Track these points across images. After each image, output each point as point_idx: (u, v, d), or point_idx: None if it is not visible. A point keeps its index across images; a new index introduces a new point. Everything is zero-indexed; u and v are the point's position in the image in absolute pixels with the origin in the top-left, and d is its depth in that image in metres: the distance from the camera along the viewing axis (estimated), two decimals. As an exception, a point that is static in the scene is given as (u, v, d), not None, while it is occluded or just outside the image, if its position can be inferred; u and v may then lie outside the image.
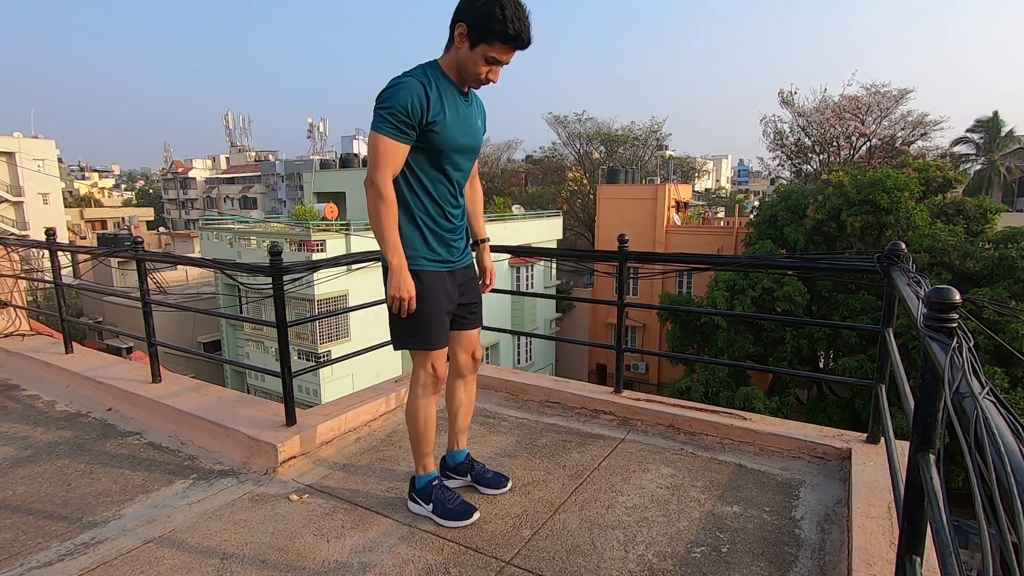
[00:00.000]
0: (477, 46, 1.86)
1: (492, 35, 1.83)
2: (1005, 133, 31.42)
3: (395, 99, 1.86)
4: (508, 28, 1.81)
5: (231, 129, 64.30)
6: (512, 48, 1.89)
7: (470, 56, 1.88)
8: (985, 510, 0.75)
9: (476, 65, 1.89)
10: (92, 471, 2.68)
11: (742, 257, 13.99)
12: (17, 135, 36.66)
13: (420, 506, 2.27)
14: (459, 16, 1.87)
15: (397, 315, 2.05)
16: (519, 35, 1.84)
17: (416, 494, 2.28)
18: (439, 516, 2.20)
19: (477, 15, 1.82)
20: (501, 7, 1.79)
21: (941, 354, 1.10)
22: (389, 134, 1.89)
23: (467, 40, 1.87)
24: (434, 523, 2.19)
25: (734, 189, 70.61)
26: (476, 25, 1.83)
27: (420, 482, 2.27)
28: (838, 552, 2.02)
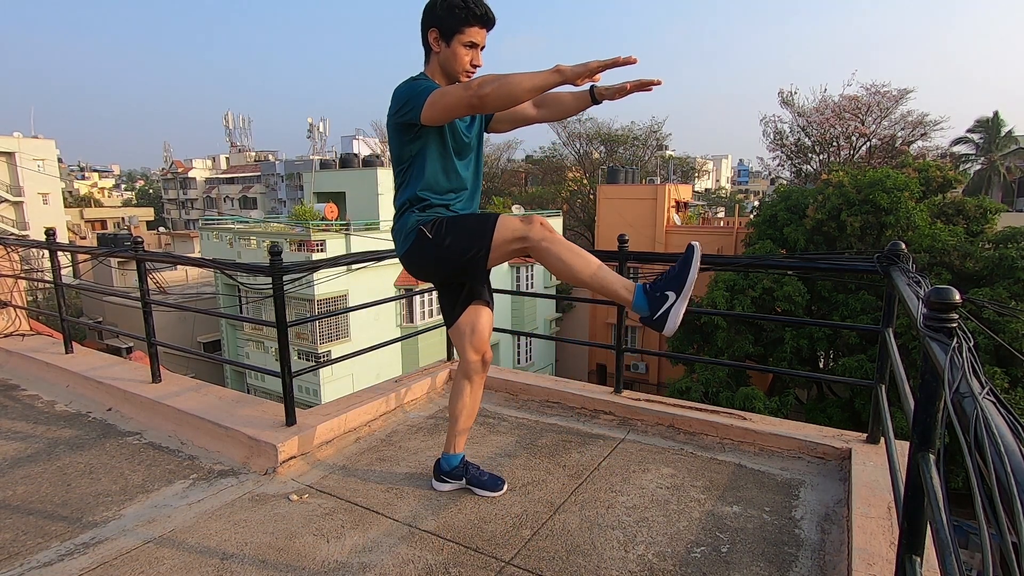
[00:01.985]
0: (452, 40, 1.99)
1: (461, 22, 1.97)
2: (1005, 133, 31.43)
3: (428, 83, 1.98)
4: (475, 10, 1.96)
5: (231, 129, 64.30)
6: (483, 27, 2.01)
7: (450, 51, 2.01)
8: (985, 510, 0.75)
9: (458, 57, 2.01)
10: (92, 471, 2.68)
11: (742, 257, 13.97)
12: (17, 135, 36.66)
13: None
14: (427, 24, 2.02)
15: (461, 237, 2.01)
16: (485, 14, 1.99)
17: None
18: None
19: (441, 14, 1.97)
20: None
21: (941, 354, 1.10)
22: (436, 87, 1.93)
23: (442, 40, 2.01)
24: (436, 521, 2.20)
25: (734, 189, 70.63)
26: (444, 22, 1.98)
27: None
28: (838, 552, 2.02)
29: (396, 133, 2.05)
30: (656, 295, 1.90)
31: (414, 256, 2.11)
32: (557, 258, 1.96)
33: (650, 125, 39.06)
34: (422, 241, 2.05)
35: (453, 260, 2.05)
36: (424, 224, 2.05)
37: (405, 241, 2.10)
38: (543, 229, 1.98)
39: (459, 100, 1.82)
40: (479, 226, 2.01)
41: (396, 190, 2.16)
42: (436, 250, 2.04)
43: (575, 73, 1.74)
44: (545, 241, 1.96)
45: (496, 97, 1.78)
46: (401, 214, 2.13)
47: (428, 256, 2.08)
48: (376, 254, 3.41)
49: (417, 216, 2.08)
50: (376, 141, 36.40)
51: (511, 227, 1.97)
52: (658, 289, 1.91)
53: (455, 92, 1.84)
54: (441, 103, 1.87)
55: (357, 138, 35.83)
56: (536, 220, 1.99)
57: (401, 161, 2.10)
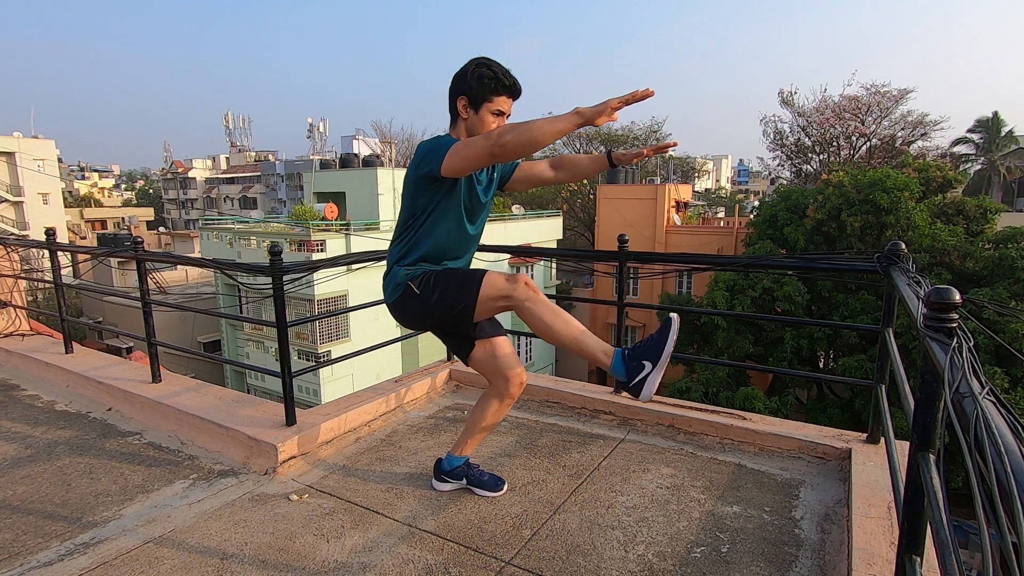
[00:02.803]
0: (480, 108, 2.05)
1: (491, 92, 2.03)
2: (1005, 133, 31.40)
3: (452, 139, 2.02)
4: (503, 80, 2.03)
5: (231, 129, 64.27)
6: (511, 96, 2.08)
7: (477, 119, 2.06)
8: (985, 510, 0.75)
9: (486, 124, 2.05)
10: (92, 471, 2.68)
11: (742, 257, 13.98)
12: (17, 135, 36.65)
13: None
14: (457, 92, 2.07)
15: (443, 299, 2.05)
16: (513, 85, 2.06)
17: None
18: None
19: (472, 83, 2.03)
20: (489, 68, 2.02)
21: (941, 354, 1.10)
22: (458, 140, 1.98)
23: (470, 108, 2.06)
24: (436, 521, 2.20)
25: (734, 189, 70.62)
26: (475, 91, 2.03)
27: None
28: (838, 552, 2.02)
29: (414, 186, 2.07)
30: (633, 364, 1.94)
31: (401, 308, 2.16)
32: (539, 319, 2.01)
33: (650, 125, 39.07)
34: (409, 296, 2.10)
35: (439, 315, 2.11)
36: (412, 279, 2.09)
37: (393, 293, 2.15)
38: (527, 289, 2.02)
39: (481, 149, 1.84)
40: (465, 283, 2.05)
41: (396, 238, 2.17)
42: (422, 305, 2.09)
43: (595, 113, 1.76)
44: (528, 302, 2.01)
45: (517, 144, 1.79)
46: (393, 265, 2.17)
47: (414, 310, 2.13)
48: (376, 254, 3.41)
49: (406, 271, 2.12)
50: (376, 141, 36.41)
51: (496, 286, 2.02)
52: (636, 357, 1.94)
53: (477, 142, 1.87)
54: (463, 152, 1.89)
55: (357, 138, 35.81)
56: (521, 280, 2.04)
57: (412, 215, 2.10)
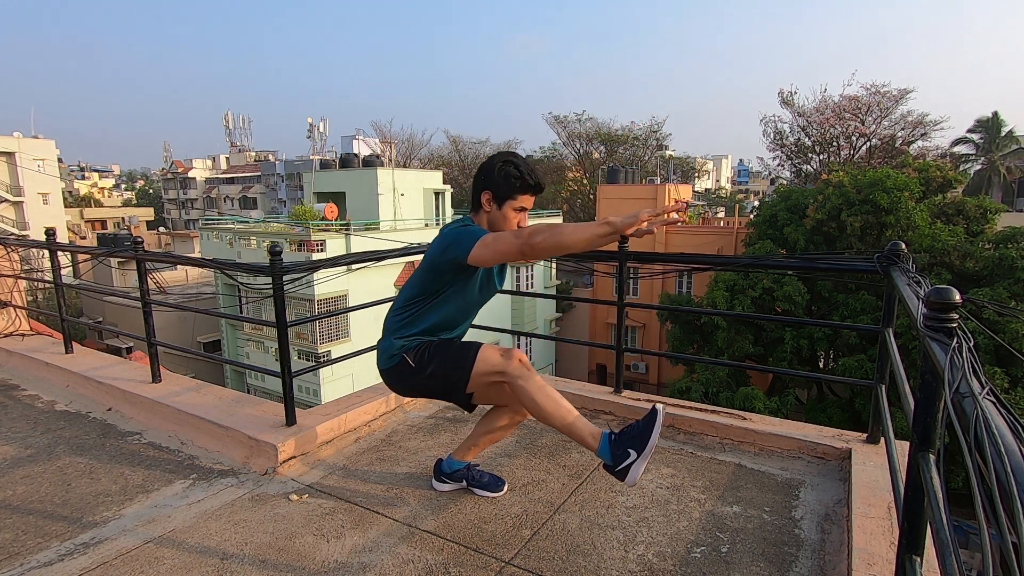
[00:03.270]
0: (504, 204, 2.12)
1: (515, 190, 2.11)
2: (1005, 133, 31.39)
3: (478, 228, 2.07)
4: (528, 180, 2.11)
5: (231, 129, 64.23)
6: (533, 195, 2.15)
7: (500, 214, 2.13)
8: (985, 510, 0.75)
9: (508, 219, 2.13)
10: (92, 471, 2.68)
11: (742, 257, 13.99)
12: (17, 135, 36.66)
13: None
14: (482, 186, 2.14)
15: (435, 376, 2.10)
16: (537, 183, 2.14)
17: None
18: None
19: (497, 180, 2.10)
20: (516, 167, 2.10)
21: (941, 354, 1.10)
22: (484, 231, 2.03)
23: (494, 202, 2.12)
24: (436, 521, 2.20)
25: (734, 189, 70.62)
26: (500, 188, 2.10)
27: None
28: (838, 552, 2.02)
29: (433, 270, 2.09)
30: (619, 451, 1.95)
31: (393, 377, 2.20)
32: (530, 398, 2.02)
33: (650, 125, 39.11)
34: (403, 367, 2.13)
35: (432, 388, 2.16)
36: (408, 352, 2.12)
37: (387, 361, 2.17)
38: (521, 366, 2.04)
39: (511, 246, 1.90)
40: (459, 359, 2.08)
41: (398, 309, 2.19)
42: (416, 378, 2.12)
43: (625, 224, 1.80)
44: (521, 379, 2.02)
45: (546, 248, 1.86)
46: (389, 332, 2.19)
47: (407, 381, 2.18)
48: (376, 254, 3.41)
49: (403, 342, 2.14)
50: (376, 141, 36.40)
51: (491, 362, 2.05)
52: (622, 445, 1.96)
53: (507, 239, 1.91)
54: (493, 246, 1.93)
55: (357, 138, 35.79)
56: (515, 356, 2.06)
57: (422, 293, 2.13)
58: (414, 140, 43.91)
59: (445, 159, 45.62)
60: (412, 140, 43.73)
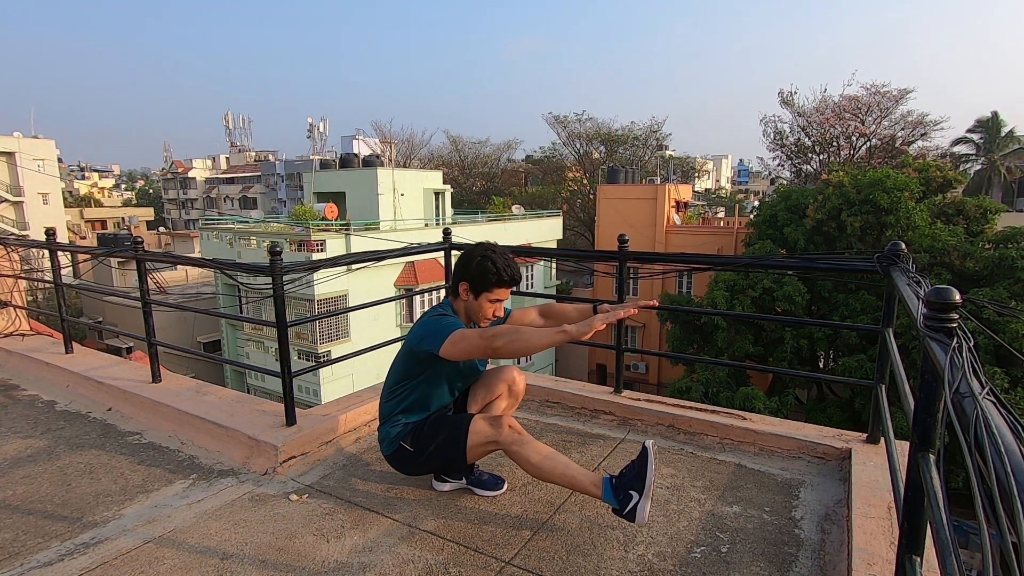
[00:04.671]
0: (480, 296, 2.23)
1: (490, 284, 2.21)
2: (1005, 133, 31.39)
3: (454, 321, 2.20)
4: (503, 275, 2.21)
5: (231, 129, 64.19)
6: (508, 288, 2.25)
7: (476, 304, 2.25)
8: (985, 510, 0.75)
9: (483, 309, 2.26)
10: (92, 471, 2.68)
11: (742, 257, 13.98)
12: (17, 135, 36.65)
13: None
14: (460, 276, 2.26)
15: (421, 452, 2.24)
16: (512, 278, 2.24)
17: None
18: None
19: (474, 274, 2.21)
20: (493, 263, 2.19)
21: (941, 354, 1.10)
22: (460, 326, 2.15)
23: (471, 293, 2.24)
24: (436, 521, 2.20)
25: (734, 189, 70.61)
26: (476, 281, 2.21)
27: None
28: (838, 552, 2.02)
29: (412, 356, 2.22)
30: (621, 495, 2.02)
31: (399, 463, 2.34)
32: (527, 461, 2.11)
33: (650, 125, 39.07)
34: (403, 453, 2.28)
35: (434, 465, 2.30)
36: (404, 439, 2.26)
37: (388, 448, 2.31)
38: (512, 432, 2.13)
39: (476, 347, 2.03)
40: (453, 437, 2.18)
41: (388, 395, 2.30)
42: (418, 459, 2.26)
43: (580, 332, 1.90)
44: (515, 444, 2.11)
45: (507, 351, 1.98)
46: (386, 420, 2.32)
47: (410, 464, 2.31)
48: (376, 254, 3.42)
49: (398, 429, 2.27)
50: (376, 141, 36.39)
51: (482, 433, 2.15)
52: (623, 489, 2.02)
53: (473, 340, 2.04)
54: (460, 345, 2.06)
55: (357, 138, 35.76)
56: (504, 424, 2.14)
57: (405, 377, 2.27)
58: (414, 140, 43.92)
59: (445, 159, 45.60)
60: (412, 140, 43.74)
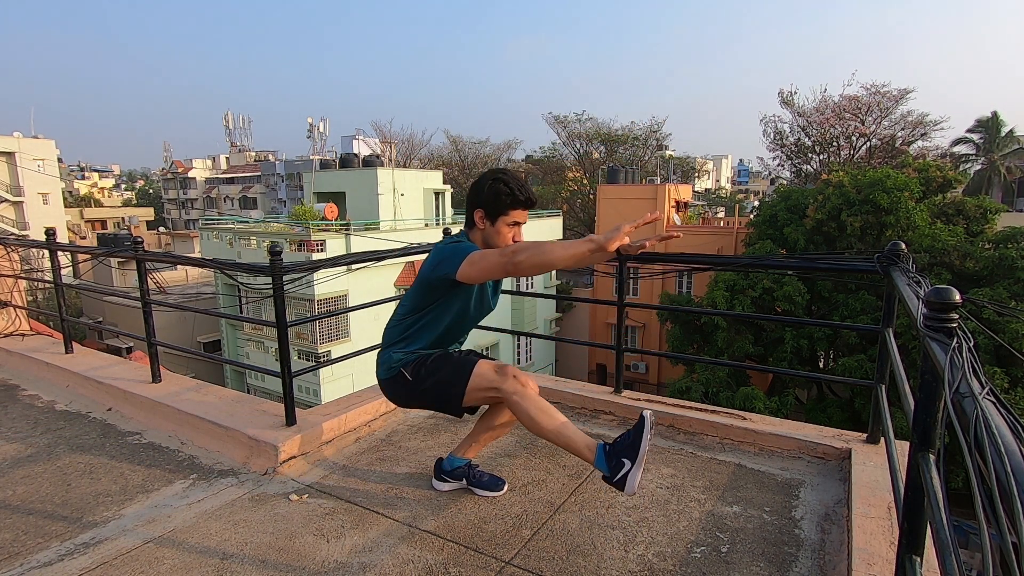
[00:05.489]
0: (497, 220, 2.15)
1: (505, 206, 2.13)
2: (1005, 133, 31.39)
3: (470, 244, 2.13)
4: (518, 195, 2.13)
5: (231, 129, 64.19)
6: (525, 209, 2.17)
7: (493, 230, 2.16)
8: (985, 510, 0.75)
9: (501, 235, 2.16)
10: (92, 471, 2.68)
11: (742, 257, 13.98)
12: (17, 135, 36.65)
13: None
14: (474, 204, 2.18)
15: (433, 386, 2.15)
16: (528, 199, 2.16)
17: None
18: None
19: (487, 199, 2.13)
20: (505, 184, 2.11)
21: (941, 354, 1.10)
22: (476, 249, 2.07)
23: (487, 219, 2.16)
24: (436, 521, 2.20)
25: (734, 189, 70.62)
26: (490, 205, 2.13)
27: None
28: (838, 552, 2.02)
29: (426, 285, 2.14)
30: (614, 462, 1.98)
31: (391, 389, 2.26)
32: (526, 414, 2.06)
33: (650, 125, 39.09)
34: (400, 380, 2.19)
35: (427, 401, 2.23)
36: (405, 366, 2.18)
37: (385, 373, 2.23)
38: (516, 382, 2.08)
39: (496, 264, 1.94)
40: (455, 376, 2.13)
41: (396, 322, 2.24)
42: (412, 390, 2.19)
43: (607, 240, 1.85)
44: (516, 395, 2.06)
45: (530, 265, 1.89)
46: (388, 345, 2.25)
47: (403, 393, 2.24)
48: (376, 254, 3.41)
49: (401, 356, 2.20)
50: (376, 141, 36.39)
51: (486, 378, 2.10)
52: (615, 456, 1.99)
53: (493, 257, 1.96)
54: (480, 264, 1.98)
55: (357, 138, 35.78)
56: (509, 373, 2.10)
57: (418, 307, 2.18)
58: (414, 140, 43.93)
59: (445, 159, 45.60)
60: (412, 140, 43.75)
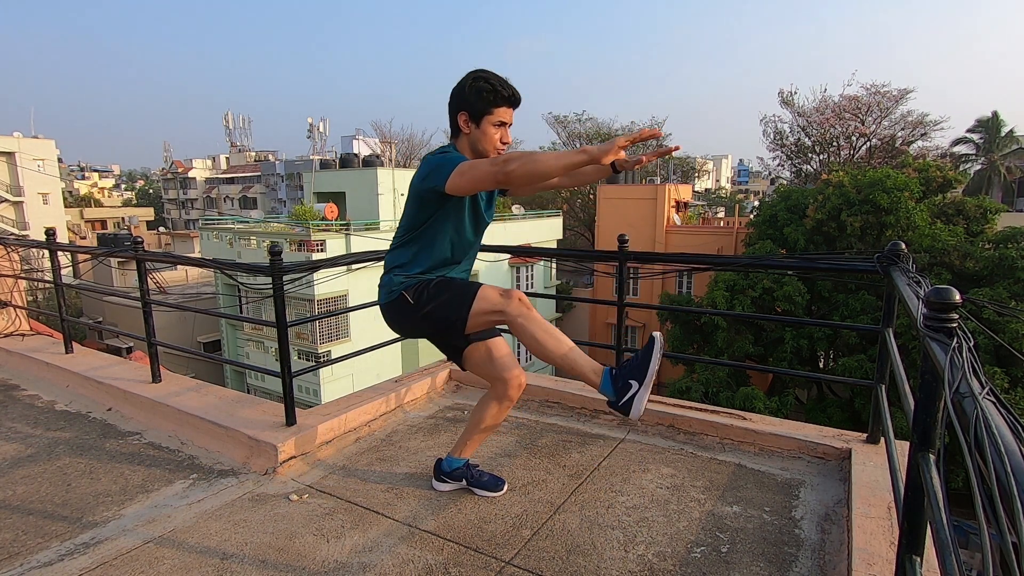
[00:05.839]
0: (482, 121, 2.04)
1: (491, 104, 2.03)
2: (1005, 133, 31.38)
3: (458, 154, 2.04)
4: (501, 92, 2.03)
5: (231, 129, 64.20)
6: (510, 107, 2.07)
7: (480, 132, 2.06)
8: (985, 510, 0.75)
9: (488, 136, 2.06)
10: (92, 471, 2.68)
11: (742, 257, 13.99)
12: (17, 135, 36.64)
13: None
14: (456, 107, 2.07)
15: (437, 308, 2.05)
16: (512, 95, 2.05)
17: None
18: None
19: (469, 99, 2.03)
20: (487, 80, 2.02)
21: (941, 354, 1.10)
22: (465, 159, 1.98)
23: (471, 122, 2.06)
24: (436, 521, 2.20)
25: (734, 189, 70.60)
26: (474, 105, 2.03)
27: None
28: (838, 552, 2.02)
29: (417, 199, 2.07)
30: (620, 384, 1.95)
31: (392, 314, 2.17)
32: (531, 336, 2.01)
33: (650, 125, 39.07)
34: (402, 304, 2.10)
35: (430, 326, 2.13)
36: (407, 289, 2.09)
37: (387, 296, 2.15)
38: (520, 305, 2.02)
39: (486, 174, 1.86)
40: (459, 297, 2.05)
41: (396, 245, 2.17)
42: (414, 315, 2.10)
43: (601, 152, 1.78)
44: (521, 318, 2.00)
45: (522, 174, 1.81)
46: (390, 270, 2.17)
47: (406, 319, 2.14)
48: (376, 254, 3.41)
49: (403, 279, 2.11)
50: (376, 141, 36.39)
51: (490, 300, 2.03)
52: (622, 377, 1.95)
53: (483, 166, 1.88)
54: (469, 174, 1.89)
55: (357, 138, 35.79)
56: (515, 296, 2.04)
57: (413, 225, 2.10)
58: (414, 140, 43.87)
59: (445, 159, 45.48)
60: (412, 140, 43.70)
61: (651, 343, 1.95)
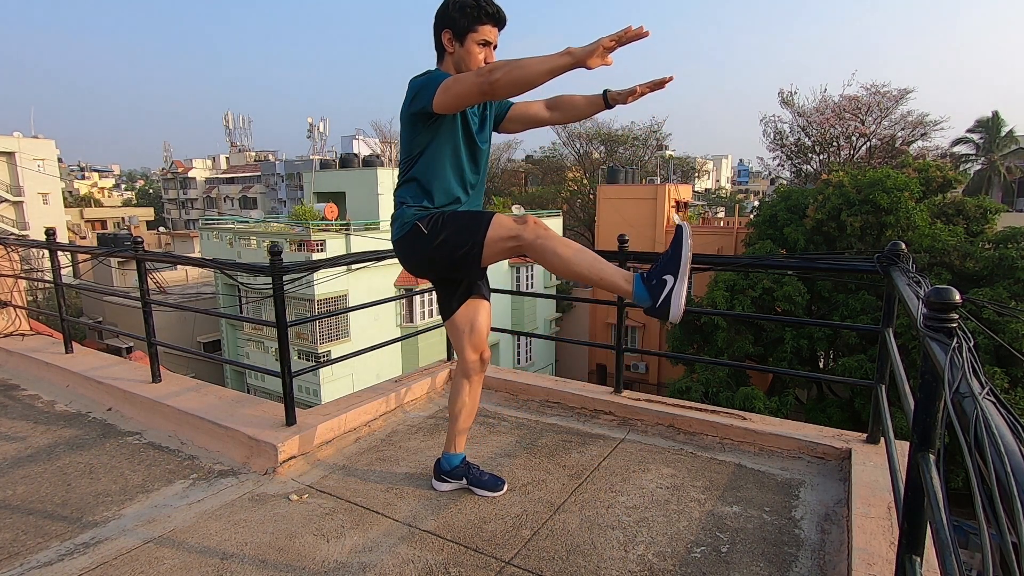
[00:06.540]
0: (465, 39, 2.01)
1: (475, 21, 1.99)
2: (1005, 133, 31.37)
3: (443, 73, 1.98)
4: (485, 8, 1.99)
5: (231, 129, 64.18)
6: (495, 25, 2.04)
7: (464, 51, 2.03)
8: (985, 510, 0.75)
9: (472, 55, 2.02)
10: (92, 471, 2.68)
11: (742, 257, 13.97)
12: (17, 135, 36.64)
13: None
14: (440, 26, 2.04)
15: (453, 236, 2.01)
16: (497, 12, 2.02)
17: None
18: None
19: (454, 15, 2.00)
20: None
21: (941, 354, 1.10)
22: (449, 75, 1.93)
23: (455, 40, 2.03)
24: (436, 521, 2.20)
25: (734, 189, 70.59)
26: (458, 23, 2.00)
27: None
28: (838, 552, 2.02)
29: (409, 124, 2.04)
30: (653, 282, 1.87)
31: (406, 247, 2.12)
32: (553, 253, 1.94)
33: (650, 125, 39.05)
34: (416, 235, 2.06)
35: (446, 257, 2.05)
36: (420, 220, 2.05)
37: (400, 230, 2.11)
38: (537, 227, 1.96)
39: (471, 85, 1.81)
40: (473, 223, 2.00)
41: (401, 181, 2.14)
42: (428, 246, 2.04)
43: (586, 53, 1.68)
44: (540, 239, 1.94)
45: (507, 82, 1.74)
46: (400, 204, 2.12)
47: (422, 251, 2.08)
48: (376, 254, 3.41)
49: (415, 211, 2.07)
50: (376, 141, 36.39)
51: (505, 226, 1.97)
52: (655, 276, 1.87)
53: (467, 78, 1.83)
54: (454, 89, 1.85)
55: (357, 138, 35.80)
56: (530, 220, 1.98)
57: (410, 155, 2.07)
58: (414, 140, 43.80)
59: (445, 159, 45.46)
60: (412, 140, 43.63)
61: (679, 233, 1.86)
